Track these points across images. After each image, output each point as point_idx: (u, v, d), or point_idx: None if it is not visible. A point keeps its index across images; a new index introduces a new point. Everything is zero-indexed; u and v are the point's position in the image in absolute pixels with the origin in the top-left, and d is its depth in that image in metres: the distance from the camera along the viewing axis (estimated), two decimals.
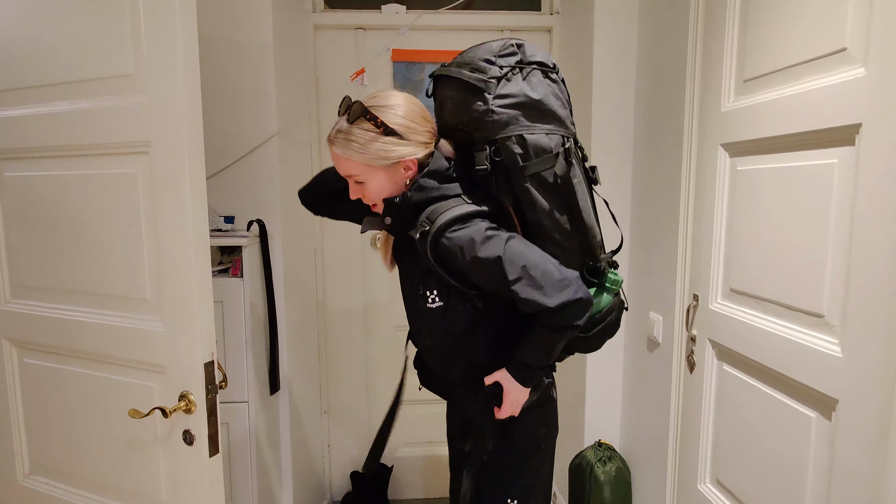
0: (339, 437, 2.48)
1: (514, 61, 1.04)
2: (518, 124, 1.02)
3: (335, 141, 1.10)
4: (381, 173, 1.11)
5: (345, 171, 1.13)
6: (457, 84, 1.06)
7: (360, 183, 1.13)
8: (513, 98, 1.02)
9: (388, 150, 1.07)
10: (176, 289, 1.15)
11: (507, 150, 1.02)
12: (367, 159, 1.08)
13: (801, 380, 1.08)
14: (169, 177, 1.12)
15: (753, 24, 1.24)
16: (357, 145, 1.07)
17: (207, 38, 1.82)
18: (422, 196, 1.08)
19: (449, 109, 1.11)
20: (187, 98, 1.10)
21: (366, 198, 1.15)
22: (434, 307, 1.14)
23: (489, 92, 1.01)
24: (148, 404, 1.19)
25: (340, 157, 1.11)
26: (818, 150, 1.05)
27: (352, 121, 1.07)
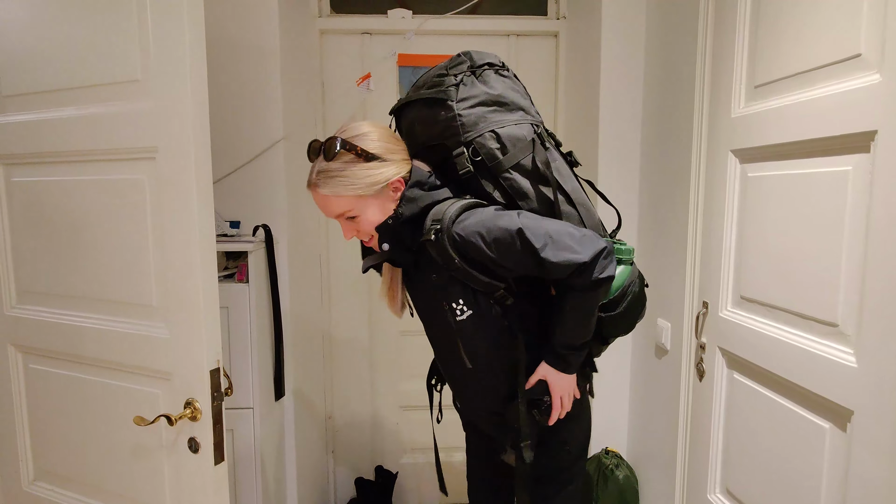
0: (344, 442, 2.46)
1: (465, 67, 1.08)
2: (487, 121, 1.05)
3: (319, 183, 1.06)
4: (371, 202, 1.07)
5: (335, 211, 1.08)
6: (419, 105, 1.11)
7: (351, 219, 1.09)
8: (474, 98, 1.05)
9: (374, 175, 1.05)
10: (182, 295, 1.14)
11: (484, 148, 1.04)
12: (356, 190, 1.05)
13: (815, 390, 1.06)
14: (176, 182, 1.11)
15: (764, 30, 1.22)
16: (343, 179, 1.04)
17: (213, 42, 1.82)
18: (413, 207, 1.06)
19: (418, 129, 1.13)
20: (194, 103, 1.09)
21: (360, 233, 1.12)
22: (464, 318, 1.09)
23: (451, 99, 1.05)
24: (153, 411, 1.18)
25: (328, 198, 1.06)
26: (832, 156, 1.03)
27: (331, 157, 1.04)
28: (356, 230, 1.11)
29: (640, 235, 1.91)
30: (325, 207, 1.09)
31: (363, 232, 1.11)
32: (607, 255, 1.01)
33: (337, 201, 1.06)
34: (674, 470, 1.62)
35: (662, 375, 1.74)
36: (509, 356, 1.12)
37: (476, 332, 1.11)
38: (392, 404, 2.46)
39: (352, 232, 1.12)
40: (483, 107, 1.05)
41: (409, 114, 1.16)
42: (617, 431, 2.09)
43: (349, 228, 1.11)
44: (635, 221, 1.94)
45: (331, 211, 1.09)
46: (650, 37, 1.83)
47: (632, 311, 1.14)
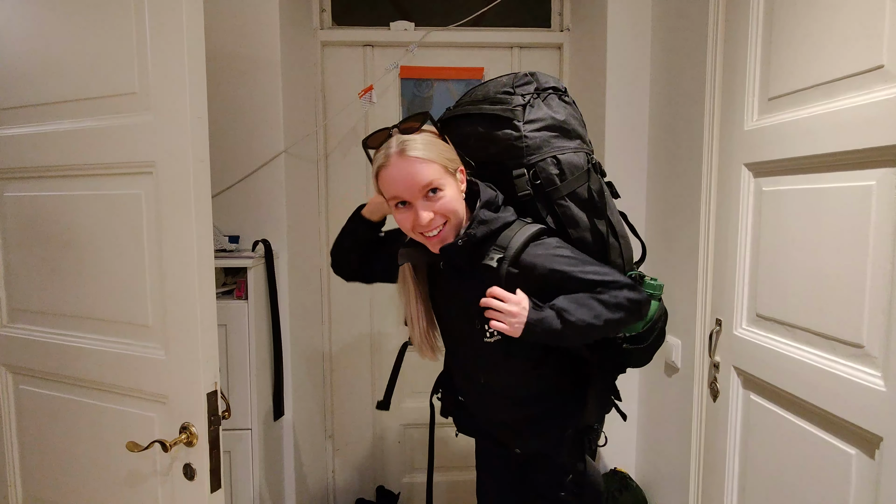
0: (344, 462, 2.40)
1: (532, 89, 1.08)
2: (550, 146, 1.06)
3: (406, 147, 0.99)
4: (452, 181, 1.04)
5: (424, 179, 0.99)
6: (479, 119, 1.10)
7: (433, 193, 1.00)
8: (541, 122, 1.06)
9: (452, 153, 1.06)
10: (179, 315, 1.10)
11: (545, 172, 1.05)
12: (444, 159, 1.02)
13: (840, 414, 1.02)
14: (174, 198, 1.08)
15: (778, 42, 1.19)
16: (431, 145, 1.02)
17: (213, 54, 1.79)
18: (485, 230, 1.04)
19: (473, 144, 1.11)
20: (193, 117, 1.06)
21: (436, 216, 1.02)
22: (491, 342, 1.07)
23: (518, 120, 1.05)
24: (148, 435, 1.14)
25: (418, 162, 0.98)
26: (853, 171, 1.00)
27: (416, 130, 1.02)
28: (433, 211, 1.01)
29: (648, 250, 1.87)
30: (412, 175, 0.99)
31: (440, 215, 1.02)
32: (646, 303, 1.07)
33: (428, 167, 0.99)
34: (687, 492, 1.57)
35: (673, 394, 1.69)
36: (523, 380, 1.16)
37: (496, 357, 1.12)
38: (394, 422, 2.40)
39: (428, 214, 1.01)
40: (547, 131, 1.06)
41: (463, 126, 1.13)
42: (625, 451, 2.03)
43: (426, 208, 1.01)
44: (642, 235, 1.90)
45: (419, 179, 0.99)
46: (656, 48, 1.81)
47: (656, 344, 1.19)
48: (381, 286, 2.32)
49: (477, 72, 2.26)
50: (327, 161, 2.27)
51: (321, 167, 2.24)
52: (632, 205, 1.90)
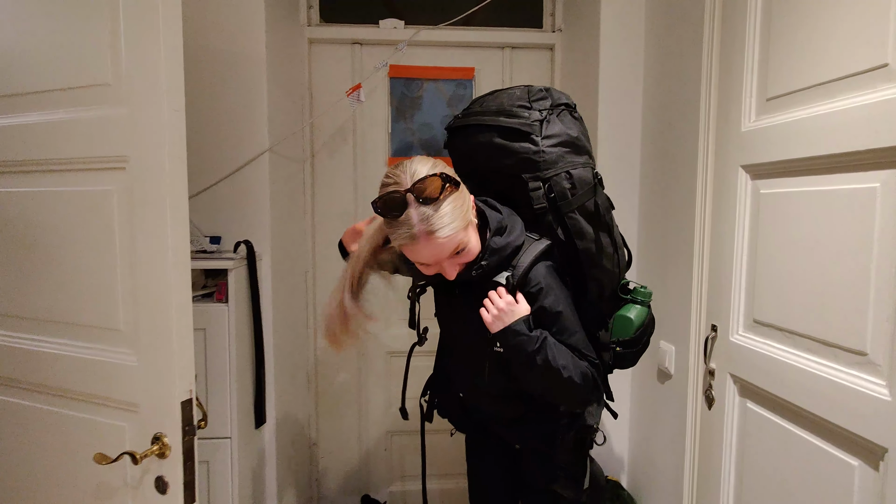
0: (330, 469, 2.33)
1: (548, 104, 1.11)
2: (563, 161, 1.09)
3: (434, 228, 0.95)
4: (471, 227, 1.04)
5: (450, 251, 1.01)
6: (496, 130, 1.11)
7: (458, 253, 1.03)
8: (557, 137, 1.09)
9: (467, 198, 1.04)
10: (152, 319, 1.04)
11: (559, 186, 1.08)
12: (464, 220, 1.00)
13: (843, 424, 0.98)
14: (147, 195, 1.02)
15: (776, 41, 1.17)
16: (454, 213, 0.98)
17: (197, 49, 1.73)
18: (497, 258, 1.07)
19: (485, 155, 1.13)
20: (169, 111, 1.01)
21: (465, 260, 1.05)
22: (495, 351, 1.12)
23: (536, 134, 1.08)
24: (118, 446, 1.08)
25: (446, 241, 0.98)
26: (857, 172, 0.97)
27: (438, 196, 0.96)
28: (459, 262, 1.05)
29: (640, 253, 1.84)
30: (440, 252, 1.00)
31: (466, 259, 1.05)
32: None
33: (454, 239, 0.99)
34: (680, 503, 1.53)
35: (666, 401, 1.66)
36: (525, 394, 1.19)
37: (500, 368, 1.14)
38: (380, 430, 2.34)
39: (456, 269, 1.05)
40: (562, 147, 1.09)
41: (476, 135, 1.15)
42: (616, 459, 1.99)
43: (455, 267, 1.04)
44: (635, 238, 1.87)
45: (445, 252, 1.00)
46: (650, 48, 1.78)
47: (643, 349, 1.24)
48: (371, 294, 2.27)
49: (468, 72, 2.22)
50: (314, 161, 2.21)
51: (307, 167, 2.18)
52: (624, 207, 1.87)
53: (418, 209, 0.95)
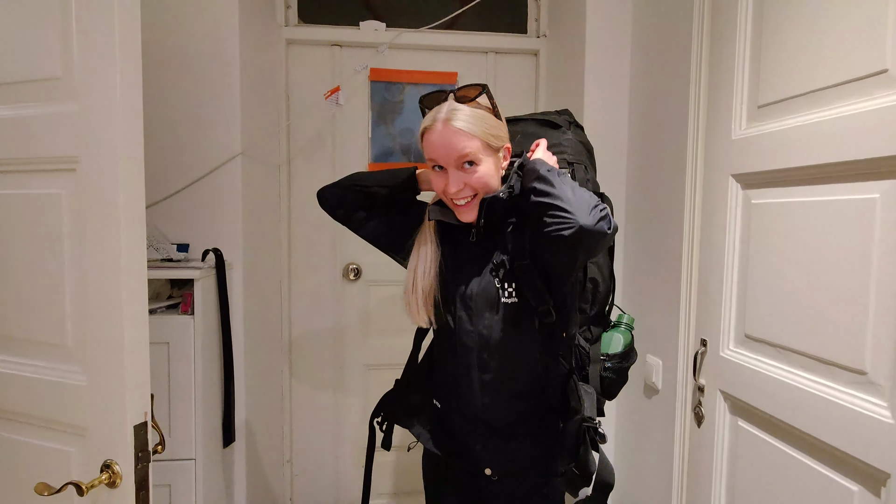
0: (303, 488, 2.24)
1: (570, 120, 1.25)
2: (585, 158, 1.21)
3: (453, 116, 1.03)
4: (491, 157, 1.07)
5: (462, 149, 1.03)
6: (530, 123, 1.25)
7: (469, 166, 1.04)
8: (580, 137, 1.24)
9: (501, 129, 1.09)
10: (102, 334, 0.95)
11: (580, 174, 1.17)
12: (487, 135, 1.04)
13: (841, 447, 0.93)
14: (99, 199, 0.94)
15: (768, 47, 1.13)
16: (480, 119, 1.04)
17: (165, 48, 1.65)
18: (529, 180, 1.04)
19: (519, 140, 1.21)
20: (125, 107, 0.92)
21: (467, 186, 1.06)
22: (508, 302, 1.09)
23: (566, 128, 1.22)
24: (64, 474, 0.99)
25: (461, 133, 1.02)
26: (855, 182, 0.92)
27: (472, 98, 1.06)
28: (465, 182, 1.06)
29: (626, 264, 1.79)
30: (451, 144, 1.03)
31: (471, 186, 1.06)
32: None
33: (469, 140, 1.03)
34: None
35: (653, 416, 1.61)
36: (527, 362, 1.13)
37: (510, 321, 1.10)
38: (358, 446, 2.25)
39: (459, 184, 1.05)
40: (583, 146, 1.23)
41: (511, 129, 1.18)
42: None
43: (458, 179, 1.05)
44: (621, 249, 1.83)
45: (457, 149, 1.03)
46: (636, 54, 1.74)
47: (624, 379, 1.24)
48: (349, 305, 2.20)
49: (450, 76, 2.17)
50: (290, 166, 2.13)
51: (284, 172, 2.10)
52: None
53: (451, 103, 1.06)
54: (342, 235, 2.18)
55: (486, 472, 1.15)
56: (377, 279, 2.20)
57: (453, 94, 1.06)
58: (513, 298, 1.08)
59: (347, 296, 2.20)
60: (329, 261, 2.18)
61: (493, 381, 1.12)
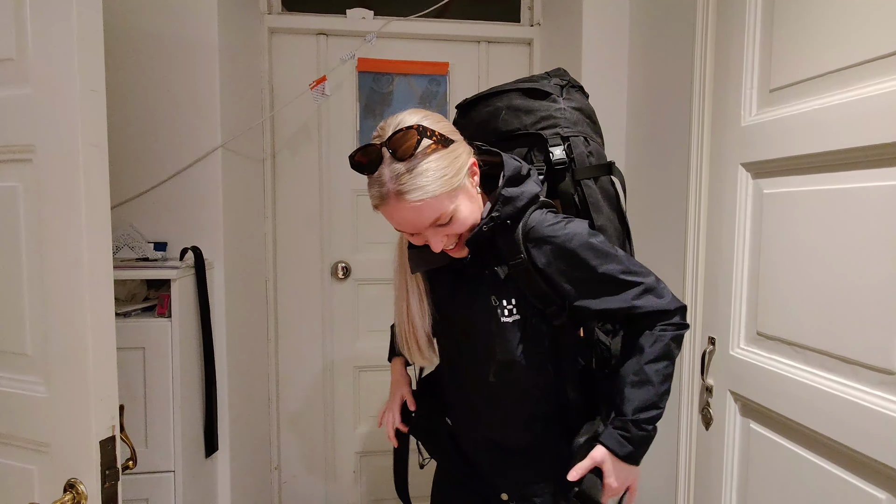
0: (292, 496, 2.15)
1: (564, 81, 1.08)
2: (584, 126, 1.05)
3: (404, 190, 0.83)
4: (464, 194, 0.89)
5: (429, 219, 0.86)
6: (513, 95, 1.06)
7: (443, 225, 0.88)
8: (577, 103, 1.06)
9: (458, 159, 0.88)
10: (64, 342, 0.87)
11: (578, 148, 1.03)
12: (450, 183, 0.85)
13: (866, 451, 0.87)
14: (58, 191, 0.85)
15: (781, 25, 1.06)
16: (432, 174, 0.84)
17: (139, 34, 1.55)
18: (512, 209, 0.92)
19: (504, 118, 1.06)
20: (84, 91, 0.84)
21: (454, 234, 0.91)
22: (509, 321, 0.96)
23: (557, 95, 1.04)
24: (26, 493, 0.91)
25: (422, 205, 0.84)
26: (879, 168, 0.86)
27: (411, 152, 0.83)
28: (446, 236, 0.90)
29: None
30: (415, 219, 0.86)
31: (455, 234, 0.91)
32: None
33: (432, 205, 0.84)
34: None
35: None
36: (539, 381, 1.01)
37: (515, 342, 0.97)
38: (348, 450, 2.17)
39: (441, 242, 0.90)
40: (581, 113, 1.06)
41: (495, 101, 1.08)
42: None
43: (439, 238, 0.89)
44: None
45: (424, 221, 0.86)
46: (635, 41, 1.68)
47: None
48: (337, 305, 2.12)
49: (441, 67, 2.09)
50: (275, 160, 2.04)
51: (268, 166, 2.01)
52: None
53: (391, 166, 0.84)
54: (330, 232, 2.09)
55: (503, 497, 1.06)
56: (367, 278, 2.12)
57: (389, 153, 0.84)
58: (514, 316, 0.96)
59: (336, 295, 2.12)
60: (316, 259, 2.09)
61: (505, 404, 1.03)
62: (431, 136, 0.85)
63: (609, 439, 0.92)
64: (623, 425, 0.91)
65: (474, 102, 1.11)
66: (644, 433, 0.91)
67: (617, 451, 0.91)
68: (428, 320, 1.03)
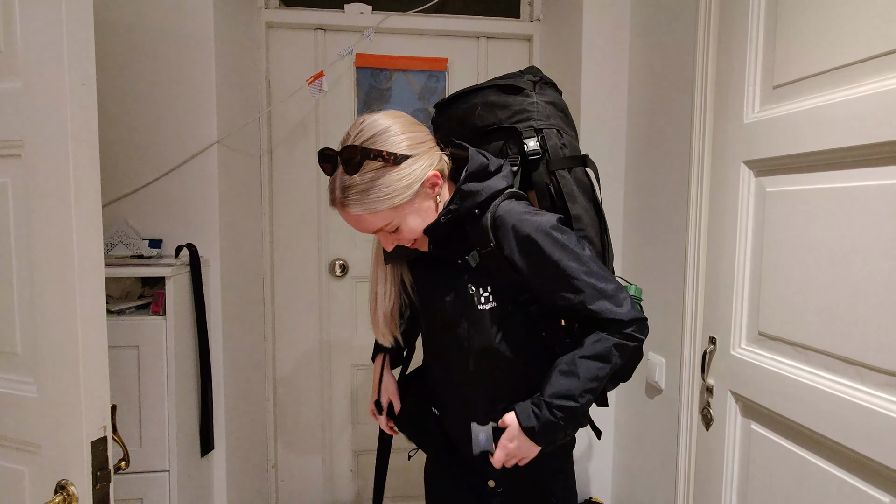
0: (290, 494, 2.14)
1: (537, 78, 1.10)
2: (557, 119, 1.07)
3: (347, 203, 0.91)
4: (411, 208, 0.94)
5: (371, 228, 0.95)
6: (489, 91, 1.09)
7: (393, 232, 0.96)
8: (550, 97, 1.08)
9: (408, 177, 0.92)
10: (54, 341, 0.85)
11: (552, 140, 1.04)
12: (392, 201, 0.91)
13: (870, 454, 0.86)
14: (48, 187, 0.83)
15: (786, 19, 1.05)
16: (375, 192, 0.90)
17: (133, 29, 1.53)
18: (472, 203, 0.96)
19: (480, 114, 1.09)
20: (74, 85, 0.82)
21: (404, 240, 0.99)
22: (485, 308, 0.99)
23: (530, 90, 1.06)
24: (17, 495, 0.89)
25: (362, 217, 0.92)
26: (884, 166, 0.84)
27: (355, 170, 0.89)
28: (397, 239, 0.98)
29: (626, 257, 1.71)
30: (357, 225, 0.95)
31: (406, 240, 0.98)
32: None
33: (373, 218, 0.93)
34: None
35: (656, 417, 1.53)
36: (516, 368, 1.04)
37: (492, 330, 1.00)
38: (346, 449, 2.16)
39: (392, 242, 0.99)
40: (554, 107, 1.08)
41: (470, 100, 1.11)
42: (600, 478, 1.86)
43: (390, 240, 0.99)
44: (619, 242, 1.75)
45: (366, 228, 0.96)
46: (636, 37, 1.66)
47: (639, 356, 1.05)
48: (335, 302, 2.10)
49: (440, 62, 2.07)
50: (272, 156, 2.02)
51: (265, 163, 1.99)
52: (608, 206, 1.74)
53: (341, 176, 0.91)
54: (328, 229, 2.08)
55: (490, 483, 1.09)
56: (365, 275, 2.10)
57: (339, 160, 0.91)
58: (490, 303, 1.00)
59: (334, 293, 2.11)
60: (314, 256, 2.08)
61: (486, 393, 1.05)
62: (377, 157, 0.89)
63: (520, 409, 0.96)
64: (537, 402, 0.95)
65: (451, 101, 1.14)
66: (553, 419, 0.93)
67: (521, 422, 0.94)
68: (388, 303, 1.09)
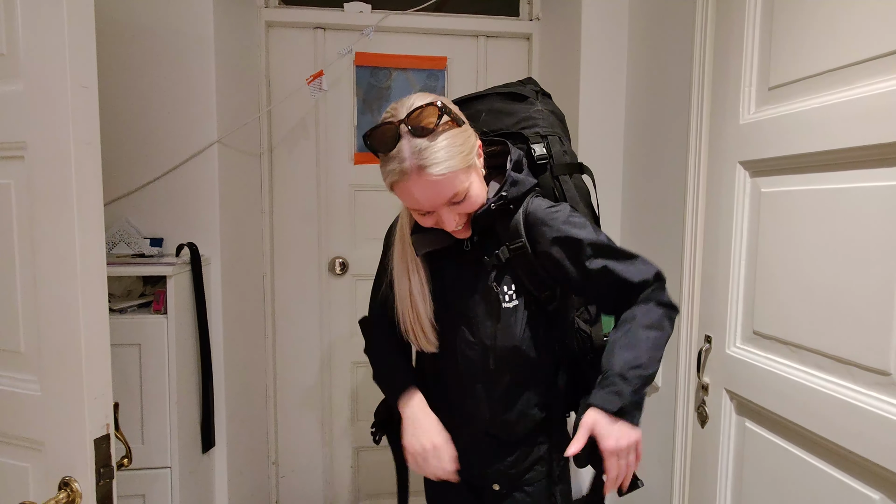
0: (290, 491, 2.16)
1: (537, 88, 1.13)
2: (558, 128, 1.11)
3: (427, 163, 0.84)
4: (474, 174, 0.93)
5: (449, 194, 0.89)
6: (494, 97, 1.12)
7: (457, 203, 0.91)
8: (551, 107, 1.12)
9: (469, 139, 0.92)
10: (58, 339, 0.86)
11: (556, 147, 1.07)
12: (467, 159, 0.89)
13: (860, 452, 0.87)
14: (50, 188, 0.84)
15: (781, 22, 1.05)
16: (452, 150, 0.87)
17: (134, 29, 1.54)
18: (517, 191, 0.97)
19: (485, 119, 1.10)
20: (76, 87, 0.83)
21: (466, 210, 0.93)
22: (510, 306, 0.99)
23: (534, 98, 1.10)
24: (21, 492, 0.91)
25: (443, 180, 0.86)
26: (879, 168, 0.85)
27: (435, 128, 0.85)
28: (458, 215, 0.93)
29: None
30: (436, 195, 0.88)
31: (464, 216, 0.94)
32: None
33: (453, 179, 0.87)
34: None
35: (651, 414, 1.54)
36: (537, 366, 1.04)
37: (516, 327, 1.00)
38: (346, 445, 2.18)
39: (454, 220, 0.93)
40: (555, 117, 1.11)
41: (474, 105, 1.12)
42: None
43: (451, 217, 0.92)
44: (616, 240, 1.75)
45: (443, 196, 0.89)
46: (634, 37, 1.66)
47: None
48: (335, 301, 2.11)
49: (439, 61, 2.07)
50: (272, 155, 2.03)
51: (265, 162, 2.00)
52: (606, 206, 1.74)
53: (411, 141, 0.85)
54: (328, 228, 2.09)
55: (494, 487, 1.09)
56: (365, 273, 2.11)
57: (408, 129, 0.86)
58: (514, 301, 0.99)
59: (334, 291, 2.12)
60: (314, 254, 2.09)
61: (504, 392, 1.04)
62: (450, 113, 0.88)
63: (597, 398, 0.86)
64: (611, 382, 0.87)
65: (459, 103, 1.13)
66: (633, 389, 0.86)
67: (608, 407, 0.85)
68: (430, 305, 1.03)
